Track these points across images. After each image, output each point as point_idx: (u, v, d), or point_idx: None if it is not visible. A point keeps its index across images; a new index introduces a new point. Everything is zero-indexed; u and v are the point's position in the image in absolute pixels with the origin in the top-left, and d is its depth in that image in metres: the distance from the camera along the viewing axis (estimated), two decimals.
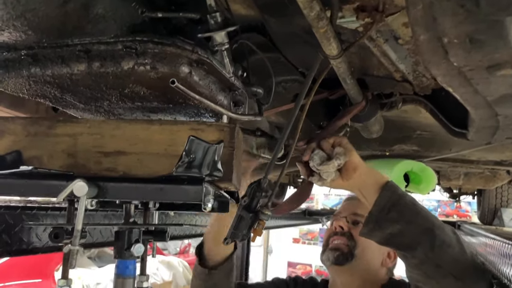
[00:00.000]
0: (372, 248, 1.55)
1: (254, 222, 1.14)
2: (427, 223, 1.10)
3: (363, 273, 1.55)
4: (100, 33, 0.75)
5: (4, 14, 0.64)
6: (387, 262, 1.60)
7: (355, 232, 1.56)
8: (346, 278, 1.58)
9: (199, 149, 0.78)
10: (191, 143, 0.78)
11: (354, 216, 1.63)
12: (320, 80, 1.15)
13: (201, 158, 0.79)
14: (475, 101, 0.97)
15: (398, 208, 1.11)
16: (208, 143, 0.79)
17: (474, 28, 0.63)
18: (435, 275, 1.09)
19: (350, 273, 1.55)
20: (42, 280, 5.14)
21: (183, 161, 0.77)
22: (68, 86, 0.90)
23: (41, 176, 0.81)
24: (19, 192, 0.83)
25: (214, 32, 0.75)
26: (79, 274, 5.20)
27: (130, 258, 0.91)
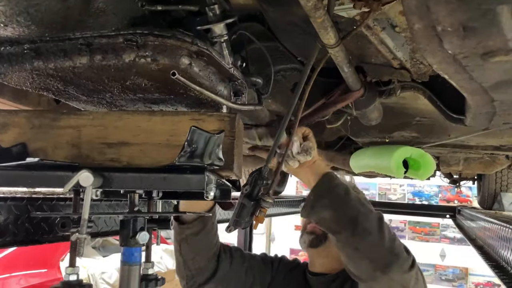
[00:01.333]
0: None
1: (256, 210, 1.17)
2: (353, 211, 1.24)
3: (337, 254, 1.60)
4: (101, 27, 0.76)
5: (8, 10, 0.65)
6: None
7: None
8: (322, 259, 1.63)
9: (201, 139, 0.80)
10: (193, 133, 0.80)
11: None
12: (319, 69, 1.16)
13: (202, 147, 0.81)
14: (471, 87, 0.98)
15: (330, 196, 1.27)
16: (209, 133, 0.81)
17: (467, 16, 0.65)
18: (353, 257, 1.25)
19: (325, 254, 1.60)
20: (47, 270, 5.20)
21: (185, 151, 0.79)
22: (71, 79, 0.91)
23: (47, 167, 0.84)
24: (26, 183, 0.85)
25: (213, 24, 0.77)
26: (84, 264, 5.25)
27: (136, 246, 0.94)
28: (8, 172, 0.83)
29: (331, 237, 1.31)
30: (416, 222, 8.00)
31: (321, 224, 1.32)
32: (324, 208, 1.27)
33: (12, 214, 1.32)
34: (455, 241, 7.79)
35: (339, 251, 1.29)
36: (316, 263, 1.67)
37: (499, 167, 2.82)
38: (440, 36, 0.70)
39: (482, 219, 2.10)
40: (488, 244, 1.83)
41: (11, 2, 0.63)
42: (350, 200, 1.28)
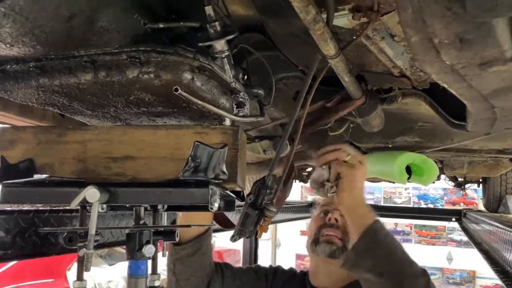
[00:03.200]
0: None
1: (260, 219, 1.18)
2: (399, 276, 1.15)
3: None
4: (104, 44, 0.78)
5: (14, 31, 0.67)
6: None
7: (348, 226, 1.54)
8: (333, 268, 1.57)
9: (204, 154, 0.82)
10: (197, 148, 0.81)
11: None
12: (320, 78, 1.17)
13: (206, 162, 0.82)
14: (471, 95, 0.99)
15: (374, 257, 1.19)
16: (212, 148, 0.82)
17: (463, 29, 0.66)
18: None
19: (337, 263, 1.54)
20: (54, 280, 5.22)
21: (190, 166, 0.80)
22: (76, 94, 0.93)
23: (55, 184, 0.85)
24: (34, 199, 0.87)
25: (214, 41, 0.78)
26: (91, 273, 5.27)
27: (142, 259, 0.95)
28: (17, 189, 0.85)
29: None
30: (422, 225, 7.97)
31: (362, 283, 1.24)
32: (367, 270, 1.19)
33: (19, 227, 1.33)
34: (462, 244, 7.75)
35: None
36: (322, 271, 1.63)
37: (503, 170, 2.81)
38: (437, 48, 0.71)
39: (487, 223, 2.10)
40: (493, 248, 1.82)
41: (17, 24, 0.65)
42: (396, 261, 1.19)
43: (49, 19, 0.66)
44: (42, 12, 0.64)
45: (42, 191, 0.85)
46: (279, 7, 1.06)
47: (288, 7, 1.05)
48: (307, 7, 0.81)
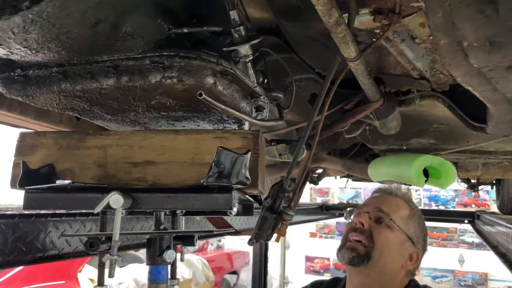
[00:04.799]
0: (392, 251, 1.51)
1: (278, 223, 1.17)
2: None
3: (379, 275, 1.50)
4: (128, 50, 0.78)
5: (40, 38, 0.67)
6: (407, 264, 1.55)
7: (376, 231, 1.52)
8: (362, 279, 1.54)
9: (228, 159, 0.81)
10: (220, 153, 0.81)
11: (378, 212, 1.56)
12: (339, 81, 1.16)
13: (230, 167, 0.81)
14: (495, 98, 0.98)
15: None
16: (236, 153, 0.82)
17: (494, 32, 0.65)
18: None
19: (365, 274, 1.51)
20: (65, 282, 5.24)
21: (213, 171, 0.80)
22: (97, 99, 0.93)
23: (77, 190, 0.85)
24: (57, 205, 0.87)
25: (239, 45, 0.78)
26: None
27: (163, 264, 0.95)
28: (39, 194, 0.85)
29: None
30: (433, 227, 7.89)
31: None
32: None
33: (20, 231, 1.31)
34: (474, 246, 7.67)
35: None
36: (355, 281, 1.58)
37: None
38: (465, 51, 0.70)
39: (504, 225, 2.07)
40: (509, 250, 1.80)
41: (44, 30, 0.65)
42: None
43: (75, 25, 0.66)
44: (69, 18, 0.64)
45: (65, 197, 0.85)
46: (298, 11, 1.06)
47: (308, 10, 1.04)
48: (330, 10, 0.80)
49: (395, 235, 1.51)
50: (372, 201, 1.65)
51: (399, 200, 1.60)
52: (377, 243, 1.49)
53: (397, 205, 1.58)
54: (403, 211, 1.57)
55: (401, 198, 1.62)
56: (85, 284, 5.09)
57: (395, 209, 1.56)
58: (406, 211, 1.58)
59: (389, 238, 1.50)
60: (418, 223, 1.60)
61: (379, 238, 1.49)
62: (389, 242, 1.49)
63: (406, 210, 1.58)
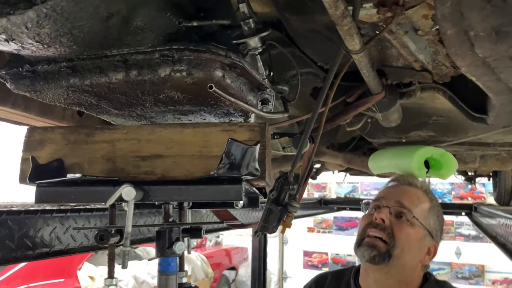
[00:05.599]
0: (413, 248, 1.46)
1: (283, 215, 1.18)
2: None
3: (399, 273, 1.47)
4: (138, 44, 0.79)
5: (53, 32, 0.68)
6: (425, 259, 1.51)
7: (397, 228, 1.45)
8: (380, 276, 1.49)
9: (238, 151, 0.82)
10: (230, 145, 0.82)
11: (399, 206, 1.48)
12: (342, 74, 1.18)
13: (240, 159, 0.82)
14: (497, 88, 0.99)
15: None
16: (246, 145, 0.83)
17: (501, 21, 0.66)
18: None
19: (385, 272, 1.46)
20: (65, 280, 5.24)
21: (224, 163, 0.81)
22: (105, 94, 0.94)
23: (89, 183, 0.86)
24: (69, 199, 0.88)
25: (249, 38, 0.78)
26: (101, 272, 5.29)
27: (172, 256, 0.96)
28: (51, 188, 0.86)
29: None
30: None
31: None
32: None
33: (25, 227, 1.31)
34: (470, 239, 7.73)
35: None
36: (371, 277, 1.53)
37: None
38: (472, 40, 0.72)
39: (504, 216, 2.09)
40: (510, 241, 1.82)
41: (57, 25, 0.66)
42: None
43: (88, 19, 0.67)
44: (82, 12, 0.64)
45: (77, 190, 0.86)
46: (303, 4, 1.06)
47: (313, 4, 1.05)
48: (336, 2, 0.81)
49: (416, 231, 1.46)
50: (391, 193, 1.56)
51: (419, 192, 1.54)
52: (398, 240, 1.43)
53: (417, 198, 1.51)
54: (423, 205, 1.51)
55: (420, 189, 1.56)
56: (85, 282, 5.10)
57: (416, 204, 1.49)
58: (427, 204, 1.52)
59: (410, 235, 1.45)
60: (438, 215, 1.55)
61: (401, 235, 1.43)
62: (410, 239, 1.45)
63: (426, 203, 1.52)
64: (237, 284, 8.44)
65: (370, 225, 1.49)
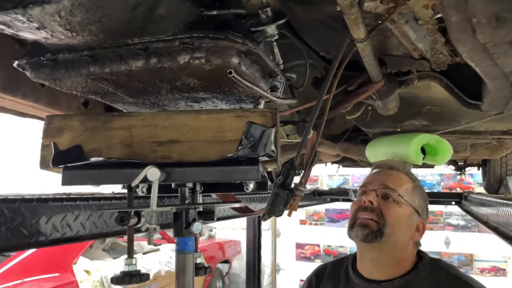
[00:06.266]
0: (402, 225, 1.55)
1: (290, 198, 1.23)
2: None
3: (392, 249, 1.54)
4: (159, 32, 0.83)
5: (83, 20, 0.71)
6: (415, 236, 1.60)
7: (385, 208, 1.54)
8: (374, 254, 1.57)
9: (256, 133, 0.87)
10: (249, 127, 0.86)
11: (384, 189, 1.58)
12: (346, 62, 1.23)
13: (257, 140, 0.87)
14: (494, 73, 1.05)
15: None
16: (264, 126, 0.87)
17: (501, 8, 0.71)
18: None
19: (378, 249, 1.54)
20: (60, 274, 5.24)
21: (244, 144, 0.85)
22: (123, 81, 0.98)
23: (112, 165, 0.90)
24: (95, 180, 0.92)
25: (267, 25, 0.83)
26: (97, 266, 5.31)
27: (190, 235, 1.00)
28: (77, 171, 0.90)
29: None
30: None
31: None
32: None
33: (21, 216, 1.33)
34: (459, 228, 7.88)
35: None
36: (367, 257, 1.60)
37: (505, 151, 2.89)
38: (474, 27, 0.77)
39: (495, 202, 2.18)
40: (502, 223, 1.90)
41: (88, 13, 0.69)
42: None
43: (117, 8, 0.71)
44: (113, 1, 0.68)
45: (102, 173, 0.90)
46: None
47: None
48: None
49: (403, 210, 1.55)
50: (375, 178, 1.66)
51: (401, 174, 1.64)
52: (388, 218, 1.52)
53: (400, 180, 1.61)
54: (407, 185, 1.60)
55: (402, 172, 1.65)
56: (80, 276, 5.11)
57: (399, 184, 1.59)
58: (410, 184, 1.61)
59: (398, 213, 1.54)
60: (421, 194, 1.65)
61: (389, 213, 1.52)
62: (399, 216, 1.53)
63: (409, 183, 1.61)
64: (230, 277, 8.51)
65: (360, 209, 1.57)
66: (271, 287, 8.76)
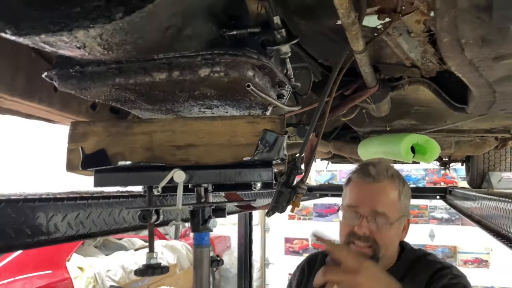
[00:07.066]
0: (393, 240, 1.59)
1: (292, 196, 1.34)
2: None
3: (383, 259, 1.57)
4: (184, 49, 0.92)
5: (121, 41, 0.80)
6: (403, 235, 1.64)
7: (378, 235, 1.53)
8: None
9: (271, 139, 0.97)
10: (264, 134, 0.96)
11: (375, 214, 1.54)
12: (344, 70, 1.33)
13: (271, 145, 0.97)
14: (479, 82, 1.17)
15: None
16: (278, 133, 0.98)
17: (486, 32, 0.83)
18: None
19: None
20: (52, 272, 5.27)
21: (260, 149, 0.95)
22: (145, 91, 1.07)
23: (139, 169, 0.99)
24: (124, 182, 1.01)
25: (282, 45, 0.93)
26: (90, 263, 5.36)
27: (206, 231, 1.10)
28: (108, 174, 0.99)
29: None
30: None
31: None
32: None
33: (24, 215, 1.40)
34: (443, 222, 8.11)
35: None
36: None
37: (488, 148, 3.04)
38: (463, 46, 0.88)
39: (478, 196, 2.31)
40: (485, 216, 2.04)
41: (127, 35, 0.78)
42: None
43: (152, 31, 0.80)
44: (149, 25, 0.77)
45: (130, 175, 0.99)
46: (311, 9, 1.21)
47: (321, 10, 1.20)
48: (349, 12, 0.96)
49: (394, 228, 1.56)
50: (363, 198, 1.59)
51: (385, 185, 1.58)
52: (382, 244, 1.53)
53: (387, 195, 1.57)
54: (393, 196, 1.57)
55: (386, 177, 1.59)
56: (74, 273, 5.16)
57: (388, 203, 1.56)
58: (395, 191, 1.58)
59: (391, 235, 1.56)
60: (406, 193, 1.64)
61: (383, 239, 1.54)
62: (391, 237, 1.57)
63: (395, 191, 1.58)
64: (221, 272, 8.62)
65: (354, 237, 1.55)
66: (260, 282, 8.89)
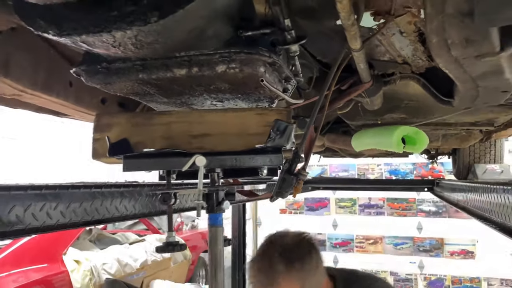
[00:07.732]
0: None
1: (295, 182, 1.46)
2: None
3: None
4: (204, 47, 1.03)
5: (152, 41, 0.91)
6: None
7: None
8: None
9: (281, 127, 1.09)
10: (276, 123, 1.08)
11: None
12: (342, 67, 1.46)
13: (282, 133, 1.09)
14: (463, 77, 1.30)
15: None
16: (288, 122, 1.10)
17: (470, 33, 0.95)
18: None
19: None
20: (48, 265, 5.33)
21: (272, 137, 1.07)
22: (165, 85, 1.18)
23: (163, 154, 1.10)
24: (149, 167, 1.12)
25: (291, 44, 1.05)
26: (86, 256, 5.44)
27: (219, 212, 1.22)
28: (135, 160, 1.10)
29: None
30: (394, 198, 8.50)
31: None
32: None
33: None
34: (431, 214, 8.32)
35: None
36: None
37: (473, 141, 3.19)
38: (449, 46, 1.01)
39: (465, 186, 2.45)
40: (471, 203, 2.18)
41: (158, 36, 0.89)
42: None
43: (179, 32, 0.91)
44: (178, 28, 0.89)
45: (156, 160, 1.10)
46: (313, 11, 1.33)
47: (322, 12, 1.32)
48: (350, 15, 1.08)
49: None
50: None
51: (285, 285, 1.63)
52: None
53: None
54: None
55: (286, 277, 1.64)
56: (70, 266, 5.23)
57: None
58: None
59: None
60: (312, 274, 1.69)
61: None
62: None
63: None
64: None
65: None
66: None
